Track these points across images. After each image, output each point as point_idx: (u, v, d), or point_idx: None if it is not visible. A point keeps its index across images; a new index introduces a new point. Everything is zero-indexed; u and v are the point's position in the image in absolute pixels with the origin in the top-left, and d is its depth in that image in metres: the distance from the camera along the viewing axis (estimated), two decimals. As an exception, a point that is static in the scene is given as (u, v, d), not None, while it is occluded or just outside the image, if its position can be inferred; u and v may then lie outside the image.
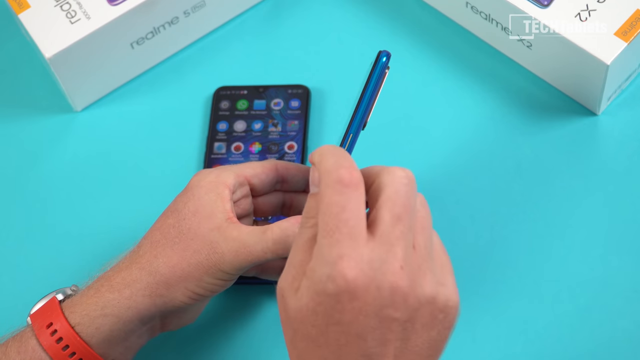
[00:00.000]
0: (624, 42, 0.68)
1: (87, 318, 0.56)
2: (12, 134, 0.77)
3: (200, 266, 0.56)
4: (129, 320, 0.56)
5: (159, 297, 0.56)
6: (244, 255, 0.55)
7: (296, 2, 0.81)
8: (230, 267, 0.56)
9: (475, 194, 0.70)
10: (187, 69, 0.79)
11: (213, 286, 0.56)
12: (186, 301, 0.56)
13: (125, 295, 0.56)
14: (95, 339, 0.56)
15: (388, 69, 0.56)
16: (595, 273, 0.65)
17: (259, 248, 0.55)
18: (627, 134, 0.71)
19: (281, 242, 0.55)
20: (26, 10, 0.74)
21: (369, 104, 0.55)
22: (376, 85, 0.55)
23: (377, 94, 0.55)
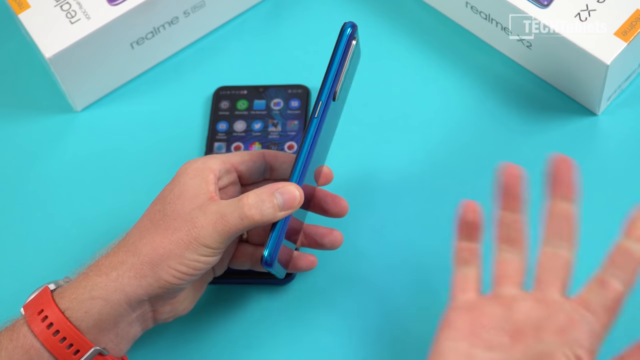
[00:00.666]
0: (624, 42, 0.68)
1: (76, 302, 0.56)
2: (12, 134, 0.77)
3: (181, 242, 0.56)
4: (117, 303, 0.56)
5: (144, 277, 0.56)
6: (222, 224, 0.56)
7: (296, 2, 0.81)
8: (210, 239, 0.56)
9: (475, 193, 0.70)
10: (187, 69, 0.79)
11: (196, 263, 0.56)
12: (172, 281, 0.56)
13: (112, 278, 0.57)
14: (84, 324, 0.56)
15: (355, 39, 0.57)
16: (595, 272, 0.65)
17: (235, 215, 0.56)
18: (627, 134, 0.71)
19: (256, 207, 0.56)
20: (26, 10, 0.74)
21: (336, 75, 0.56)
22: (342, 57, 0.56)
23: (345, 64, 0.56)
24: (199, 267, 0.57)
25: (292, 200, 0.56)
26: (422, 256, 0.67)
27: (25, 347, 0.56)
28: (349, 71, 0.58)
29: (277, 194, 0.56)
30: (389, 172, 0.71)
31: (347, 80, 0.59)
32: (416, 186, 0.71)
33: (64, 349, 0.55)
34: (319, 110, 0.56)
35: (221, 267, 0.64)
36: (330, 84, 0.56)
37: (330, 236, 0.63)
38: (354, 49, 0.58)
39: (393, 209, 0.69)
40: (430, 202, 0.70)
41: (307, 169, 0.57)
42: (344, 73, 0.57)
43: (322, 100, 0.56)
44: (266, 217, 0.56)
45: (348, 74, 0.58)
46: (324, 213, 0.63)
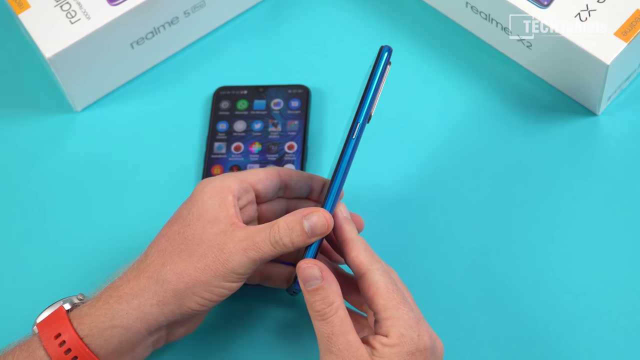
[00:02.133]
0: (624, 42, 0.68)
1: (96, 330, 0.56)
2: (12, 133, 0.77)
3: (207, 269, 0.56)
4: (138, 331, 0.56)
5: (167, 305, 0.56)
6: (253, 251, 0.56)
7: (296, 2, 0.81)
8: (239, 266, 0.56)
9: (475, 193, 0.70)
10: (187, 69, 0.79)
11: (221, 289, 0.56)
12: (195, 308, 0.56)
13: (133, 306, 0.56)
14: (104, 351, 0.56)
15: (390, 64, 0.57)
16: (595, 273, 0.65)
17: (267, 243, 0.56)
18: (627, 134, 0.72)
19: (287, 235, 0.56)
20: (26, 10, 0.74)
21: (374, 98, 0.56)
22: (379, 80, 0.56)
23: (380, 88, 0.56)
24: (224, 294, 0.57)
25: (322, 226, 0.56)
26: (421, 257, 0.67)
27: None
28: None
29: (306, 220, 0.56)
30: (389, 172, 0.71)
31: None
32: (416, 186, 0.71)
33: None
34: (357, 132, 0.56)
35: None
36: (367, 107, 0.56)
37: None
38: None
39: (393, 209, 0.69)
40: (429, 202, 0.70)
41: (339, 193, 0.57)
42: (378, 97, 0.57)
43: (360, 123, 0.56)
44: (296, 244, 0.56)
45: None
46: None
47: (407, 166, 0.72)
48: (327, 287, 0.54)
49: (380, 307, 0.54)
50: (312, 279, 0.54)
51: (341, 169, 0.57)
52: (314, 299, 0.54)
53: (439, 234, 0.68)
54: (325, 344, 0.53)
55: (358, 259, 0.55)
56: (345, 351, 0.52)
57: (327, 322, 0.53)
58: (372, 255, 0.56)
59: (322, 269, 0.54)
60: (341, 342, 0.53)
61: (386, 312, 0.54)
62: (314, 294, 0.54)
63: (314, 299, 0.54)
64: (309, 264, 0.54)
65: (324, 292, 0.54)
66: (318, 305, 0.53)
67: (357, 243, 0.56)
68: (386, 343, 0.53)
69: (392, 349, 0.53)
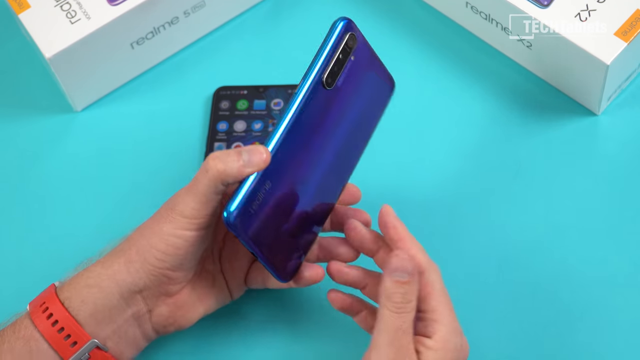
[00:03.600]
0: (624, 42, 0.68)
1: (74, 291, 0.57)
2: (12, 133, 0.77)
3: (160, 218, 0.56)
4: (110, 292, 0.56)
5: (132, 263, 0.57)
6: (192, 185, 0.55)
7: (296, 2, 0.81)
8: (183, 205, 0.56)
9: (475, 193, 0.70)
10: (187, 69, 0.79)
11: (175, 239, 0.56)
12: (154, 262, 0.56)
13: (106, 266, 0.57)
14: (82, 313, 0.56)
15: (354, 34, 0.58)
16: (595, 272, 0.65)
17: (202, 170, 0.55)
18: (627, 134, 0.72)
19: (220, 158, 0.55)
20: (26, 10, 0.74)
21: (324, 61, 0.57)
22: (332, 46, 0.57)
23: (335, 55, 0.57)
24: (179, 245, 0.56)
25: (258, 157, 0.54)
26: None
27: (26, 337, 0.56)
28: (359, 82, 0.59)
29: (243, 151, 0.55)
30: (389, 173, 0.71)
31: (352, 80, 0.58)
32: (415, 186, 0.71)
33: (62, 340, 0.56)
34: (303, 89, 0.56)
35: (239, 290, 0.63)
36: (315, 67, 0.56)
37: (341, 248, 0.61)
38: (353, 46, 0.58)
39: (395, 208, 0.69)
40: (429, 202, 0.70)
41: (285, 138, 0.55)
42: (332, 60, 0.57)
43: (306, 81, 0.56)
44: (230, 168, 0.54)
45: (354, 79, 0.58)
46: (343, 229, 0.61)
47: (406, 165, 0.72)
48: (413, 284, 0.53)
49: (431, 308, 0.54)
50: (404, 271, 0.53)
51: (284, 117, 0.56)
52: (397, 290, 0.53)
53: (439, 234, 0.68)
54: (388, 336, 0.53)
55: (417, 257, 0.55)
56: (404, 349, 0.53)
57: (400, 317, 0.53)
58: (426, 254, 0.56)
59: (415, 266, 0.54)
60: (404, 340, 0.53)
61: (435, 314, 0.54)
62: (398, 286, 0.53)
63: (397, 290, 0.53)
64: (405, 255, 0.54)
65: (409, 288, 0.53)
66: (398, 297, 0.53)
67: (414, 241, 0.56)
68: (430, 346, 0.53)
69: (435, 354, 0.53)
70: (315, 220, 0.60)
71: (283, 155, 0.56)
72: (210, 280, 0.61)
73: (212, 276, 0.61)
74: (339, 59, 0.57)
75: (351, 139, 0.60)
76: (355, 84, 0.59)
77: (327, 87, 0.57)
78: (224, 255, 0.62)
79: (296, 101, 0.56)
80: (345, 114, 0.59)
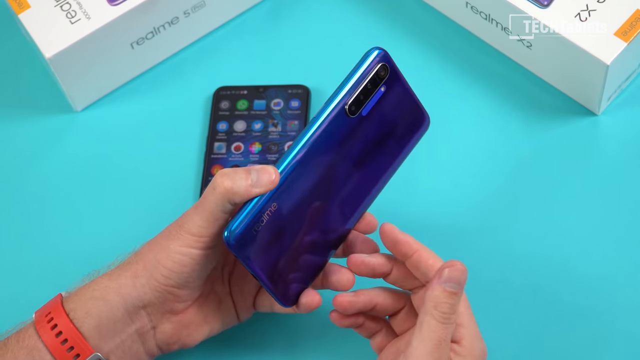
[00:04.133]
0: (624, 42, 0.68)
1: (79, 302, 0.57)
2: (12, 133, 0.77)
3: (168, 235, 0.56)
4: (114, 305, 0.56)
5: (139, 278, 0.56)
6: (199, 203, 0.55)
7: (296, 2, 0.81)
8: (191, 223, 0.55)
9: (475, 193, 0.70)
10: (187, 69, 0.79)
11: (181, 257, 0.55)
12: (160, 279, 0.56)
13: (112, 278, 0.57)
14: (86, 325, 0.56)
15: (385, 66, 0.57)
16: (596, 272, 0.65)
17: (210, 189, 0.55)
18: (627, 134, 0.72)
19: (229, 175, 0.54)
20: (26, 10, 0.74)
21: (350, 88, 0.56)
22: (360, 74, 0.57)
23: (362, 83, 0.56)
24: (185, 263, 0.56)
25: (267, 177, 0.54)
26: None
27: (29, 347, 0.56)
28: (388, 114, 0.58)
29: (253, 170, 0.54)
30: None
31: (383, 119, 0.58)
32: (414, 185, 0.71)
33: (65, 352, 0.55)
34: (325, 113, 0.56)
35: (246, 313, 0.62)
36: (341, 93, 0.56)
37: (338, 274, 0.59)
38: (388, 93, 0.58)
39: (393, 209, 0.69)
40: (429, 203, 0.70)
41: (298, 161, 0.55)
42: (358, 88, 0.56)
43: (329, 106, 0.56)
44: (237, 187, 0.54)
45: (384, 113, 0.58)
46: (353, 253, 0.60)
47: (405, 166, 0.72)
48: (461, 296, 0.54)
49: (458, 313, 0.54)
50: (457, 282, 0.53)
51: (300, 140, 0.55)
52: (446, 300, 0.53)
53: (440, 234, 0.68)
54: (430, 346, 0.52)
55: (437, 265, 0.55)
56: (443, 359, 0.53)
57: (445, 327, 0.53)
58: (441, 260, 0.56)
59: (465, 279, 0.54)
60: (444, 352, 0.53)
61: (461, 318, 0.55)
62: (448, 296, 0.53)
63: (446, 300, 0.53)
64: (460, 267, 0.53)
65: (457, 300, 0.53)
66: (446, 307, 0.53)
67: (429, 251, 0.56)
68: (459, 352, 0.54)
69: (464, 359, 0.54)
70: (325, 246, 0.59)
71: (294, 178, 0.55)
72: (217, 302, 0.60)
73: (220, 298, 0.61)
74: (367, 88, 0.57)
75: (375, 169, 0.59)
76: (382, 116, 0.58)
77: (350, 114, 0.56)
78: (233, 277, 0.61)
79: (315, 125, 0.55)
80: (370, 144, 0.58)
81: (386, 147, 0.59)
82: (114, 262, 0.60)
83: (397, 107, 0.59)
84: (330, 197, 0.57)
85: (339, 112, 0.56)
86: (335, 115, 0.56)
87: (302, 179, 0.56)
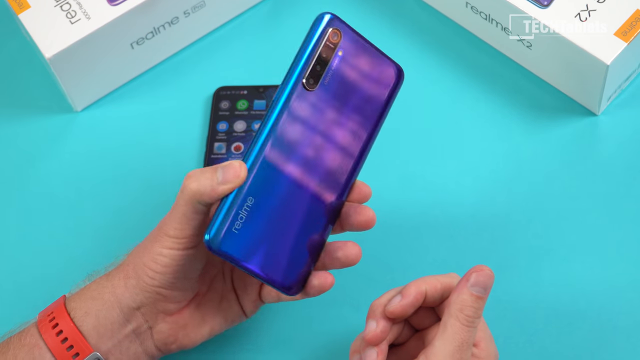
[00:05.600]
0: (624, 42, 0.68)
1: (79, 302, 0.57)
2: (12, 134, 0.77)
3: (151, 237, 0.56)
4: (111, 306, 0.57)
5: (129, 279, 0.57)
6: (173, 207, 0.55)
7: (296, 2, 0.81)
8: (168, 226, 0.55)
9: (475, 193, 0.70)
10: (187, 69, 0.79)
11: (160, 257, 0.55)
12: (146, 280, 0.56)
13: (109, 279, 0.58)
14: (85, 325, 0.56)
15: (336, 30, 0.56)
16: (595, 273, 0.65)
17: (182, 190, 0.54)
18: (627, 134, 0.72)
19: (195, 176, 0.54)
20: (26, 10, 0.74)
21: (303, 61, 0.55)
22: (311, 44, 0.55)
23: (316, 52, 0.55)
24: (165, 263, 0.55)
25: (232, 172, 0.53)
26: (419, 256, 0.67)
27: (30, 345, 0.56)
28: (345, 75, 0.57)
29: (218, 168, 0.54)
30: (385, 171, 0.71)
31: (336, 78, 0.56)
32: (414, 185, 0.71)
33: (65, 351, 0.56)
34: (283, 93, 0.55)
35: (253, 307, 0.61)
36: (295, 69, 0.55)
37: (344, 249, 0.57)
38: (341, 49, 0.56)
39: (393, 209, 0.69)
40: (429, 203, 0.70)
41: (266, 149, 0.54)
42: (312, 60, 0.55)
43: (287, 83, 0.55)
44: (203, 187, 0.53)
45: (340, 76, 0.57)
46: (350, 227, 0.58)
47: (405, 166, 0.72)
48: (485, 301, 0.54)
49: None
50: (484, 287, 0.54)
51: (263, 128, 0.54)
52: (472, 304, 0.53)
53: (439, 234, 0.68)
54: (453, 347, 0.53)
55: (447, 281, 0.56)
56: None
57: (468, 330, 0.53)
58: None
59: (491, 283, 0.55)
60: (465, 355, 0.53)
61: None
62: (475, 300, 0.53)
63: (472, 304, 0.53)
64: (488, 272, 0.54)
65: (482, 304, 0.54)
66: (471, 311, 0.53)
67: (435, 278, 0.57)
68: (477, 354, 0.55)
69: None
70: (319, 225, 0.57)
71: (265, 167, 0.54)
72: (216, 300, 0.60)
73: (220, 296, 0.60)
74: (321, 58, 0.55)
75: (353, 135, 0.58)
76: (347, 80, 0.57)
77: (310, 88, 0.55)
78: (235, 273, 0.61)
79: (276, 108, 0.54)
80: (340, 112, 0.57)
81: (361, 111, 0.58)
82: (112, 263, 0.60)
83: (362, 67, 0.57)
84: (312, 176, 0.56)
85: (298, 89, 0.55)
86: (295, 93, 0.55)
87: (275, 165, 0.55)
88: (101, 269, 0.60)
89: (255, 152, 0.54)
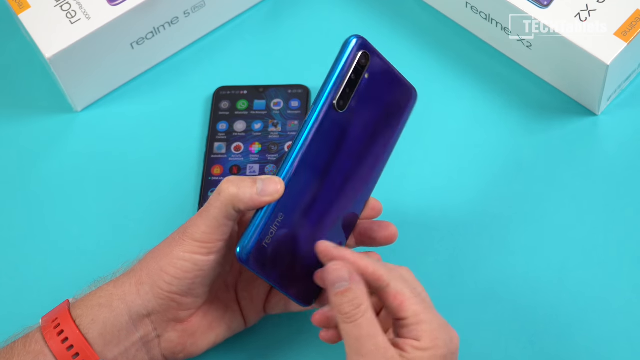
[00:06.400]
0: (624, 42, 0.68)
1: (86, 309, 0.57)
2: (12, 134, 0.77)
3: (172, 241, 0.56)
4: (119, 313, 0.56)
5: (142, 285, 0.56)
6: (205, 210, 0.55)
7: (296, 2, 0.81)
8: (194, 228, 0.55)
9: (475, 193, 0.70)
10: (187, 69, 0.79)
11: (184, 262, 0.55)
12: (163, 286, 0.56)
13: (117, 285, 0.57)
14: (91, 332, 0.56)
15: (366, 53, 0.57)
16: (595, 273, 0.65)
17: (215, 194, 0.55)
18: (627, 134, 0.72)
19: (235, 182, 0.54)
20: (26, 10, 0.74)
21: (334, 84, 0.56)
22: (343, 67, 0.56)
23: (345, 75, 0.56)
24: (187, 269, 0.56)
25: (272, 187, 0.54)
26: (419, 254, 0.67)
27: (36, 352, 0.56)
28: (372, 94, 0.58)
29: (258, 179, 0.54)
30: (388, 170, 0.71)
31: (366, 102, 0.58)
32: (414, 185, 0.71)
33: (70, 358, 0.55)
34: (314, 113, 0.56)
35: (255, 317, 0.62)
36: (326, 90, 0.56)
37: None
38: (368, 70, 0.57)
39: (392, 209, 0.69)
40: (429, 203, 0.70)
41: (297, 167, 0.55)
42: (343, 82, 0.56)
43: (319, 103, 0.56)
44: (243, 194, 0.54)
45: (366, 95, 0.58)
46: (372, 242, 0.60)
47: (405, 166, 0.72)
48: (355, 288, 0.52)
49: (412, 313, 0.53)
50: (341, 281, 0.52)
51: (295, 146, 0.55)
52: (342, 301, 0.52)
53: (439, 234, 0.68)
54: (354, 347, 0.52)
55: (378, 272, 0.54)
56: (374, 353, 0.51)
57: (355, 325, 0.52)
58: (385, 266, 0.55)
59: (350, 270, 0.53)
60: (371, 345, 0.51)
61: (418, 317, 0.53)
62: (342, 296, 0.52)
63: (342, 301, 0.52)
64: (337, 266, 0.53)
65: (352, 294, 0.52)
66: (346, 307, 0.52)
67: (369, 260, 0.54)
68: (419, 347, 0.52)
69: (424, 353, 0.52)
70: (337, 240, 0.59)
71: (295, 185, 0.55)
72: (222, 309, 0.60)
73: (225, 305, 0.60)
74: (351, 80, 0.57)
75: (372, 154, 0.59)
76: (370, 102, 0.58)
77: (340, 109, 0.56)
78: (240, 284, 0.61)
79: (307, 128, 0.56)
80: (363, 132, 0.58)
81: (381, 130, 0.60)
82: (119, 269, 0.60)
83: (384, 89, 0.59)
84: (334, 194, 0.58)
85: (328, 109, 0.56)
86: (325, 114, 0.56)
87: (303, 184, 0.56)
88: (106, 275, 0.60)
89: (287, 168, 0.55)
